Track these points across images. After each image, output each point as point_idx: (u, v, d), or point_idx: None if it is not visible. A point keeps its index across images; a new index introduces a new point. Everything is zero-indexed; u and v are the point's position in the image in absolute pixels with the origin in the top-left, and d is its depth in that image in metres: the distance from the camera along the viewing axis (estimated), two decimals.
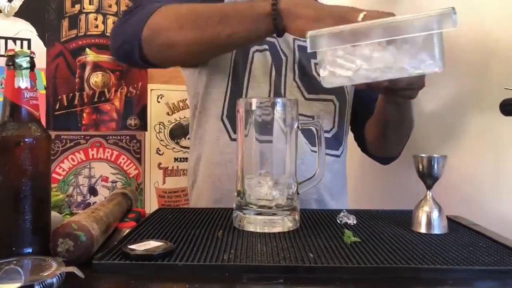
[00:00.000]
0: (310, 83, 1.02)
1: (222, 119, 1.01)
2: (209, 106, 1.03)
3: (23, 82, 0.58)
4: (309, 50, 0.68)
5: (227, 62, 1.00)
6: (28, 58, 0.59)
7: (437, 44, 0.67)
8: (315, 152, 0.99)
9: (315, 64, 1.03)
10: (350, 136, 1.16)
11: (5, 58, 0.59)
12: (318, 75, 1.02)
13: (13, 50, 0.59)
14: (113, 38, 0.92)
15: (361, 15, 0.69)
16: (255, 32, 0.79)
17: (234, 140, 0.98)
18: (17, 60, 0.58)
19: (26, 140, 0.58)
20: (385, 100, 0.93)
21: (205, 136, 1.04)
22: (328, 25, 0.69)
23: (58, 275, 0.48)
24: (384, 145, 1.09)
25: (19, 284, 0.45)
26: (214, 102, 1.02)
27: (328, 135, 1.04)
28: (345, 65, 0.69)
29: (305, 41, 1.02)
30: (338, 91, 1.05)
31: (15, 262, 0.52)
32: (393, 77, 0.70)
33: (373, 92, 0.96)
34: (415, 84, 0.80)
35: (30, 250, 0.57)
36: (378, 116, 1.01)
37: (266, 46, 1.01)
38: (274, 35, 0.81)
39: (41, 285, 0.47)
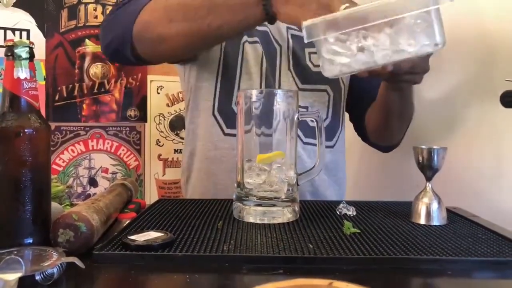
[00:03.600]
0: (304, 73, 1.02)
1: (214, 114, 1.00)
2: (200, 101, 1.02)
3: (22, 72, 0.58)
4: (306, 41, 0.67)
5: (216, 56, 0.99)
6: (27, 48, 0.59)
7: (435, 21, 0.65)
8: (308, 144, 0.99)
9: (310, 53, 1.03)
10: (350, 127, 1.16)
11: (4, 49, 0.59)
12: (314, 65, 1.02)
13: (12, 40, 0.58)
14: (103, 34, 0.90)
15: (343, 6, 0.68)
16: (246, 21, 0.78)
17: (228, 135, 0.98)
18: (16, 51, 0.58)
19: (25, 130, 0.58)
20: (388, 87, 0.92)
21: (198, 131, 1.04)
22: (313, 10, 0.68)
23: (59, 265, 0.49)
24: (385, 133, 1.08)
25: (20, 274, 0.46)
26: (205, 97, 1.01)
27: None
28: (342, 52, 0.67)
29: (298, 30, 1.02)
30: (333, 81, 1.04)
31: (15, 252, 0.52)
32: (392, 60, 0.68)
33: (373, 80, 0.95)
34: (419, 68, 0.79)
35: (30, 241, 0.57)
36: (381, 104, 1.00)
37: (256, 39, 1.00)
38: (266, 23, 0.79)
39: (42, 275, 0.47)
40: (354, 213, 0.80)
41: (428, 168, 0.76)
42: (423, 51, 0.67)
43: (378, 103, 1.01)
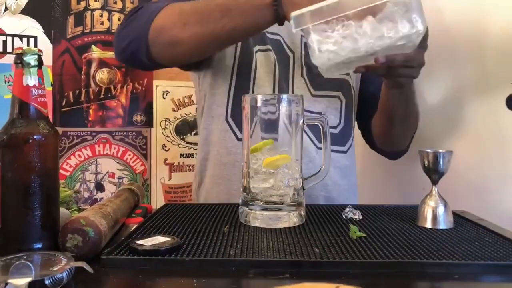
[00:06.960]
0: (316, 80, 1.03)
1: (227, 120, 1.01)
2: (214, 107, 1.04)
3: (31, 80, 0.59)
4: (293, 30, 0.70)
5: (229, 64, 1.01)
6: (36, 56, 0.60)
7: (414, 7, 0.68)
8: (321, 149, 1.00)
9: None
10: (356, 133, 1.16)
11: (12, 56, 0.60)
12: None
13: (21, 48, 0.59)
14: (118, 39, 0.93)
15: None
16: (258, 23, 0.81)
17: (241, 140, 0.99)
18: (25, 58, 0.59)
19: (34, 137, 0.58)
20: (388, 85, 0.92)
21: (211, 137, 1.05)
22: None
23: (68, 270, 0.49)
24: (390, 138, 1.08)
25: (30, 279, 0.46)
26: (218, 103, 1.03)
27: (335, 131, 1.04)
28: (326, 40, 0.70)
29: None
30: (345, 87, 1.06)
31: (25, 257, 0.52)
32: (376, 47, 0.70)
33: (380, 85, 0.96)
34: (414, 61, 0.81)
35: (39, 246, 0.58)
36: (382, 105, 1.01)
37: (269, 47, 1.01)
38: (278, 32, 0.80)
39: (52, 280, 0.48)
40: (360, 217, 0.80)
41: (434, 172, 0.76)
42: (403, 36, 0.69)
43: (381, 104, 1.02)
